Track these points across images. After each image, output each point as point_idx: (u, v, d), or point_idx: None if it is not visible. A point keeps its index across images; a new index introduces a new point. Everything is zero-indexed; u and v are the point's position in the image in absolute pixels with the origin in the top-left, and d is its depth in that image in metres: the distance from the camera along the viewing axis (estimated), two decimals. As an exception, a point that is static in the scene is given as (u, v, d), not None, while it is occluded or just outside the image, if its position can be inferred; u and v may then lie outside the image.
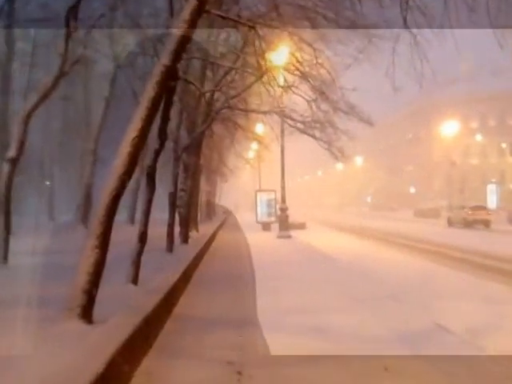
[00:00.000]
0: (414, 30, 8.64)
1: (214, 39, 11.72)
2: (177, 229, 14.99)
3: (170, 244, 13.16)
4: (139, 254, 8.17)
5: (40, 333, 4.97)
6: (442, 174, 62.03)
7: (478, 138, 64.64)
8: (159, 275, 8.93)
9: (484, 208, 35.40)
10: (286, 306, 8.26)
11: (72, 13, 11.45)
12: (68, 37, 11.86)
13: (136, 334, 5.41)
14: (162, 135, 8.39)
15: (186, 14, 6.16)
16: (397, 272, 12.28)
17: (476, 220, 32.53)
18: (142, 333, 5.71)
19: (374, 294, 9.23)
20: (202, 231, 21.52)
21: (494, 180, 51.89)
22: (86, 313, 5.50)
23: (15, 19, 19.93)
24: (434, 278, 11.56)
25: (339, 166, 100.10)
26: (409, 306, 8.26)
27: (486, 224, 31.93)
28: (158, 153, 8.53)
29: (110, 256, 9.97)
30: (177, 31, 6.10)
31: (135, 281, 8.03)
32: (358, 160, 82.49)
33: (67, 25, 11.65)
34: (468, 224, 32.23)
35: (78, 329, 5.23)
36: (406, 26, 8.35)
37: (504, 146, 63.75)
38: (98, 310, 5.66)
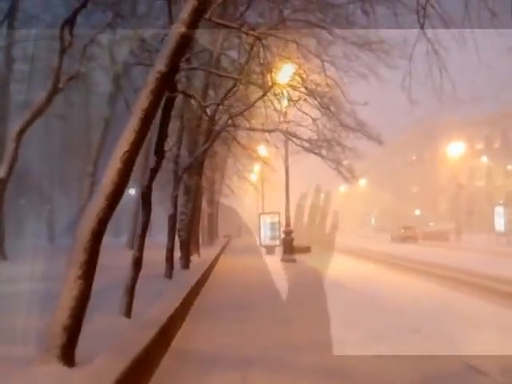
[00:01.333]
0: (432, 38, 8.00)
1: (217, 50, 11.08)
2: (177, 253, 14.28)
3: (170, 270, 12.41)
4: (133, 281, 7.42)
5: (7, 379, 4.22)
6: (448, 197, 61.26)
7: (484, 159, 63.96)
8: (156, 305, 8.17)
9: (413, 228, 49.09)
10: (294, 341, 7.44)
11: (67, 27, 10.91)
12: (62, 52, 11.31)
13: (125, 379, 4.65)
14: (159, 152, 7.71)
15: (184, 14, 5.51)
16: (413, 299, 11.50)
17: (407, 237, 45.53)
18: (132, 377, 4.95)
19: (391, 326, 8.41)
20: (203, 255, 20.76)
21: (501, 202, 50.87)
22: (67, 354, 4.74)
23: (14, 38, 19.58)
24: (453, 305, 10.76)
25: (342, 188, 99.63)
26: (433, 340, 7.46)
27: (415, 239, 45.26)
28: (154, 172, 7.84)
29: (103, 283, 9.18)
30: (173, 32, 5.44)
31: (128, 313, 7.27)
32: (362, 182, 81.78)
33: (61, 39, 11.10)
34: (402, 240, 44.89)
35: (55, 373, 4.48)
36: (423, 31, 7.70)
37: (510, 167, 62.97)
38: (82, 349, 4.89)
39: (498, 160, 63.50)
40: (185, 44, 5.67)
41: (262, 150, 26.99)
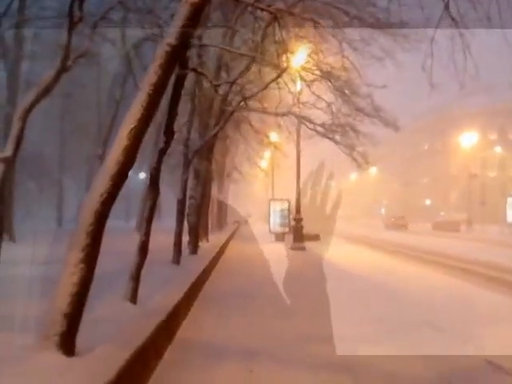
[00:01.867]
0: (456, 19, 7.56)
1: (230, 27, 10.67)
2: (186, 238, 14.01)
3: (177, 255, 12.14)
4: (139, 267, 7.14)
5: (0, 369, 3.95)
6: (459, 187, 60.59)
7: (497, 150, 63.09)
8: (162, 291, 7.90)
9: (403, 217, 55.16)
10: (304, 332, 7.12)
11: (77, 1, 10.53)
12: (71, 27, 10.91)
13: (127, 370, 4.37)
14: (169, 132, 7.39)
15: (196, -17, 5.15)
16: (427, 291, 11.18)
17: (397, 224, 51.59)
18: (135, 367, 4.67)
19: (405, 319, 8.08)
20: (212, 241, 20.51)
21: (513, 193, 50.21)
22: (67, 342, 4.46)
23: (24, 17, 19.24)
24: (469, 298, 10.41)
25: (353, 176, 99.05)
26: (450, 335, 7.13)
27: (405, 227, 50.51)
28: (163, 152, 7.53)
29: (109, 267, 8.95)
30: (185, 3, 5.10)
31: (134, 299, 7.00)
32: (372, 170, 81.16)
33: (71, 14, 10.72)
34: (394, 227, 50.53)
35: (53, 363, 4.20)
36: (448, 12, 7.26)
37: (524, 158, 62.17)
38: (83, 337, 4.62)
39: (512, 151, 62.68)
40: (196, 16, 5.31)
41: (274, 136, 26.66)
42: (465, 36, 7.63)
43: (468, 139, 55.14)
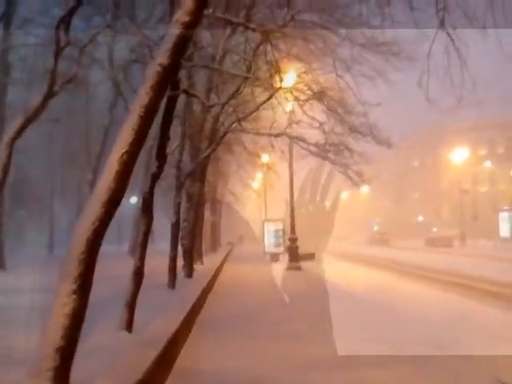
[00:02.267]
0: (451, 34, 7.49)
1: (221, 47, 10.56)
2: (180, 261, 13.79)
3: (173, 279, 11.91)
4: (134, 294, 6.91)
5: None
6: (451, 202, 60.69)
7: (487, 164, 63.35)
8: (159, 318, 7.66)
9: (385, 232, 61.03)
10: (307, 356, 6.89)
11: (62, 26, 10.43)
12: (57, 53, 10.81)
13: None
14: (161, 156, 7.22)
15: (187, 2, 5.03)
16: (423, 307, 11.01)
17: (381, 239, 56.68)
18: (133, 403, 4.45)
19: (412, 341, 7.86)
20: (207, 263, 20.25)
21: (505, 207, 50.18)
22: (60, 377, 4.22)
23: (10, 42, 19.13)
24: (471, 315, 10.23)
25: (344, 194, 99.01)
26: (454, 352, 6.93)
27: (387, 242, 54.85)
28: (155, 177, 7.34)
29: (103, 294, 8.69)
30: (176, 22, 4.97)
31: (129, 327, 6.76)
32: (364, 188, 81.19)
33: (57, 39, 10.61)
34: (377, 242, 55.30)
35: (45, 402, 3.98)
36: (442, 27, 7.19)
37: (514, 172, 62.38)
38: (77, 370, 4.37)
39: (502, 165, 62.91)
40: (187, 35, 5.18)
41: (266, 157, 26.62)
42: (461, 50, 7.56)
43: (458, 155, 55.38)
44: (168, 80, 5.39)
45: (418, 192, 76.72)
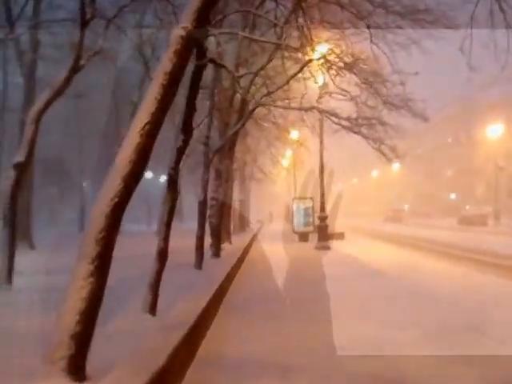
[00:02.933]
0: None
1: (252, 11, 10.00)
2: (208, 240, 13.52)
3: (199, 259, 11.63)
4: (158, 275, 6.60)
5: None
6: (485, 180, 59.27)
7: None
8: (184, 300, 7.35)
9: (400, 210, 64.34)
10: (342, 342, 6.49)
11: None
12: (83, 25, 10.45)
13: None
14: (187, 129, 6.83)
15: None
16: (457, 289, 10.50)
17: (395, 217, 59.28)
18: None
19: (447, 324, 7.42)
20: (235, 243, 19.98)
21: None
22: (75, 366, 3.90)
23: (38, 20, 19.03)
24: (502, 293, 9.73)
25: (374, 173, 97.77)
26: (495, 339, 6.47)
27: (400, 220, 57.32)
28: (181, 152, 6.96)
29: (128, 274, 8.46)
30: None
31: (153, 310, 6.47)
32: (395, 166, 79.95)
33: (82, 10, 10.24)
34: (391, 220, 58.13)
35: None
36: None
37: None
38: (95, 357, 4.07)
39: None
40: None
41: (295, 133, 26.11)
42: (507, 12, 6.95)
43: (493, 130, 53.88)
44: (193, 46, 5.01)
45: (451, 169, 75.11)
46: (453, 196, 73.64)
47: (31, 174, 17.69)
